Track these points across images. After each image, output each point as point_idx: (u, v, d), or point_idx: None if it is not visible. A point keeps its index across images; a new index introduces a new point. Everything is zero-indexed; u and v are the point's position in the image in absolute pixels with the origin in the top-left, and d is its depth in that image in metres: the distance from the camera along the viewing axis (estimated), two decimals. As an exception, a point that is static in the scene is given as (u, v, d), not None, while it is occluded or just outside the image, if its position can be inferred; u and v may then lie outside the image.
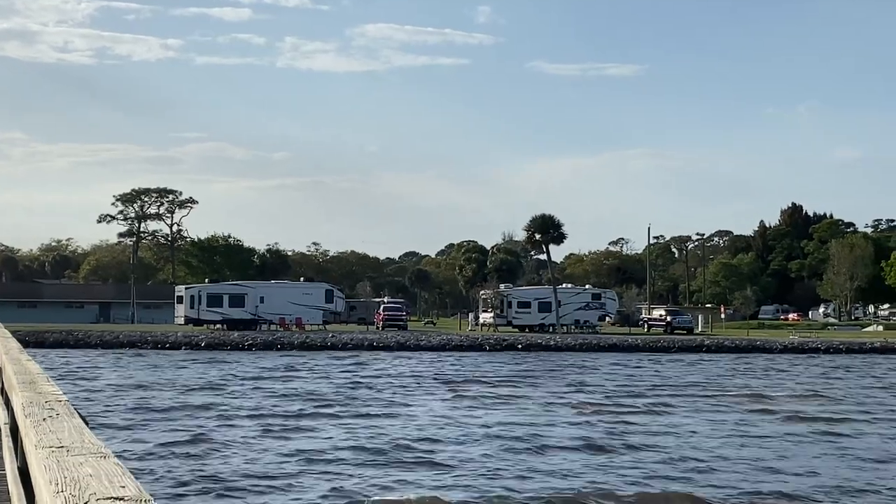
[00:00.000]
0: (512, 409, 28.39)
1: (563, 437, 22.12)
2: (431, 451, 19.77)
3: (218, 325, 77.14)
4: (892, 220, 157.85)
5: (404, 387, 34.70)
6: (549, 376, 41.06)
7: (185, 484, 15.95)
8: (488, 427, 23.56)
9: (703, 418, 26.67)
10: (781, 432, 23.70)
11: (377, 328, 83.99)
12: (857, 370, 49.25)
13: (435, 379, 38.79)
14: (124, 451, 18.50)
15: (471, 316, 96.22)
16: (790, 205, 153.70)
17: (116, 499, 2.53)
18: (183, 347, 60.68)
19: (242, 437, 21.36)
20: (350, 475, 17.01)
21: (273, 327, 77.96)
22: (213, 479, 16.27)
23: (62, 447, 3.41)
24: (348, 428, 23.08)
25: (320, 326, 79.81)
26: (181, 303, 79.21)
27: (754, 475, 17.70)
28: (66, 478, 2.81)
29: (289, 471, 17.26)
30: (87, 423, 4.81)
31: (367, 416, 25.79)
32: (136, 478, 2.83)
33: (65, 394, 5.76)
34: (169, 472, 16.93)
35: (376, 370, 43.43)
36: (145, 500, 2.53)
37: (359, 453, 19.28)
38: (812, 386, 38.35)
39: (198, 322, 77.09)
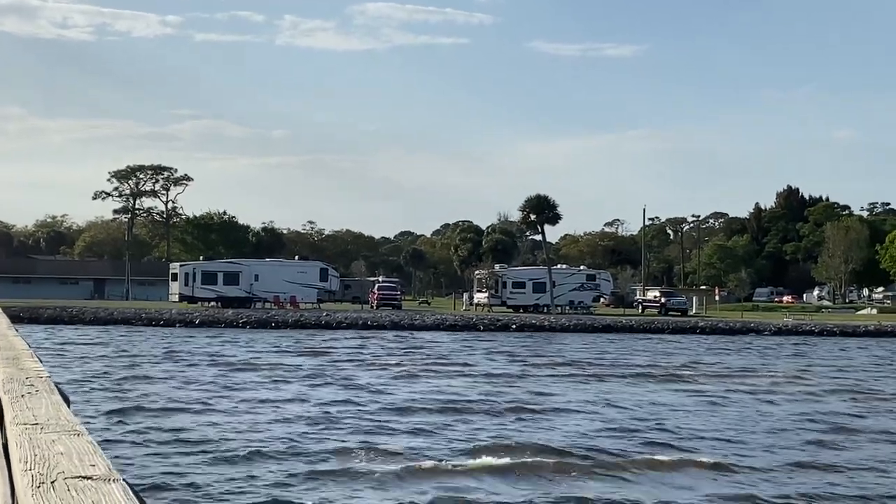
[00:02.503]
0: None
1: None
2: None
3: (212, 303, 77.12)
4: (888, 204, 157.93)
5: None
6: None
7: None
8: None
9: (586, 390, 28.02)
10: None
11: (371, 307, 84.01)
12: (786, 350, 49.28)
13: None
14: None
15: (465, 296, 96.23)
16: (786, 187, 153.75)
17: (85, 477, 2.48)
18: (177, 325, 60.65)
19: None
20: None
21: (268, 305, 77.96)
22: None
23: (36, 424, 3.36)
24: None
25: (315, 305, 79.79)
26: (176, 280, 79.16)
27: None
28: (35, 455, 2.76)
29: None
30: (67, 401, 4.76)
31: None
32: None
33: (48, 370, 5.71)
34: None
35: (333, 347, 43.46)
36: (114, 479, 2.48)
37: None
38: (745, 364, 38.76)
39: (192, 299, 77.06)
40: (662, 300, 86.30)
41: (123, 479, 2.53)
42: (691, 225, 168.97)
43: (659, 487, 14.62)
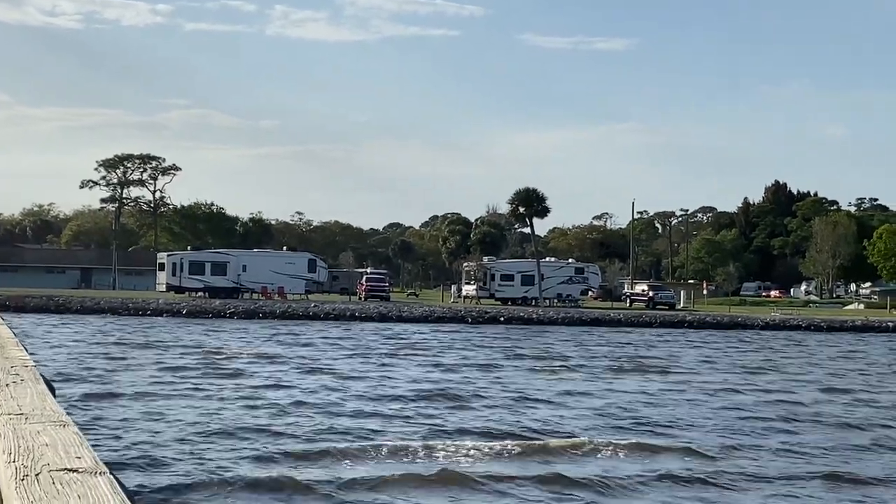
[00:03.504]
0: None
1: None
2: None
3: (200, 293, 76.93)
4: (876, 199, 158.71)
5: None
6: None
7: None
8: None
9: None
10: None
11: (360, 299, 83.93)
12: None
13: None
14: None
15: (454, 288, 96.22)
16: (774, 182, 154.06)
17: (70, 470, 2.40)
18: (164, 314, 60.47)
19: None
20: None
21: (255, 296, 77.81)
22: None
23: (21, 414, 3.27)
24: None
25: (302, 296, 79.66)
26: (163, 270, 78.91)
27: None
28: (20, 447, 2.68)
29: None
30: (52, 390, 4.67)
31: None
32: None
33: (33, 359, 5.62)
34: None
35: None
36: (101, 472, 2.40)
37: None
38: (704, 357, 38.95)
39: (179, 289, 76.83)
40: (650, 294, 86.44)
41: (110, 472, 2.45)
42: (680, 219, 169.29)
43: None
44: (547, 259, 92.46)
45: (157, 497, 12.30)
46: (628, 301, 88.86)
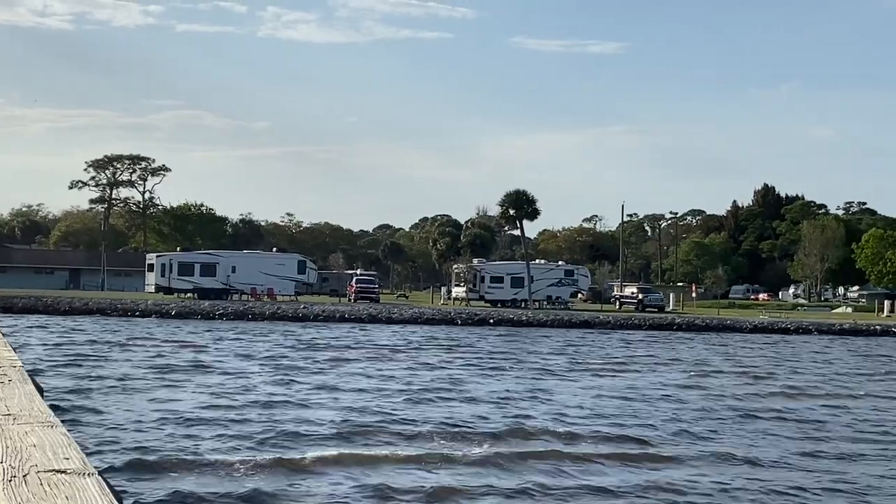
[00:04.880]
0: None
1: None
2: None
3: (189, 294, 76.78)
4: (864, 203, 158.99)
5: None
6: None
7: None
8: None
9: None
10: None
11: (349, 300, 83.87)
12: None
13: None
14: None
15: (443, 290, 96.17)
16: (763, 185, 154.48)
17: (58, 471, 2.39)
18: (153, 315, 60.30)
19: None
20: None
21: (244, 297, 77.68)
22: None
23: (9, 415, 3.26)
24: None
25: (292, 297, 79.56)
26: (152, 271, 78.73)
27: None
28: (8, 447, 2.67)
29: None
30: (41, 390, 4.66)
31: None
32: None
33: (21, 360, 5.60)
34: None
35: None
36: (89, 474, 2.39)
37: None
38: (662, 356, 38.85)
39: (168, 290, 76.66)
40: (639, 296, 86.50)
41: (98, 473, 2.44)
42: (669, 222, 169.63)
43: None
44: (537, 261, 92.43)
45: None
46: (617, 303, 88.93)
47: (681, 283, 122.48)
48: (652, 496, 13.43)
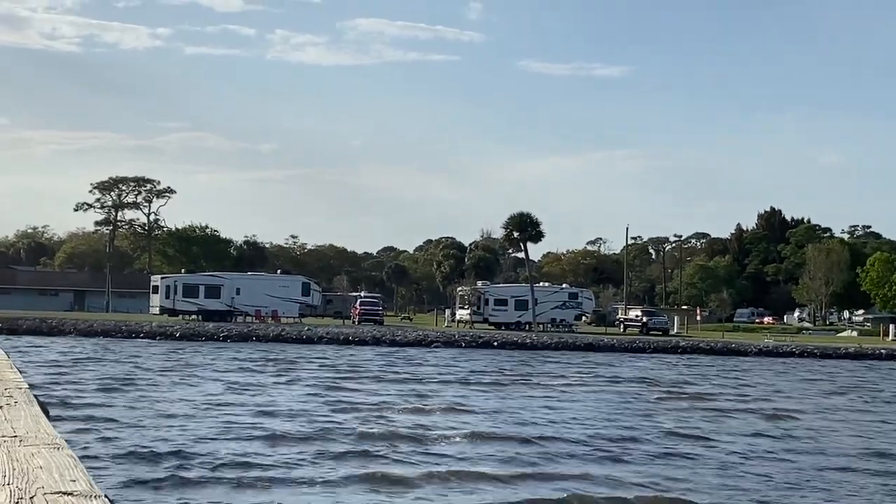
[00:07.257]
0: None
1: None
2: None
3: (193, 316, 76.79)
4: (869, 227, 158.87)
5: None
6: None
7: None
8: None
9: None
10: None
11: (353, 322, 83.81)
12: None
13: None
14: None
15: (447, 312, 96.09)
16: (768, 209, 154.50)
17: (65, 493, 2.40)
18: (157, 337, 60.29)
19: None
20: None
21: (249, 319, 77.68)
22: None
23: (15, 437, 3.27)
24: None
25: (296, 319, 79.54)
26: (156, 292, 78.80)
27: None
28: (14, 469, 2.68)
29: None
30: (47, 412, 4.67)
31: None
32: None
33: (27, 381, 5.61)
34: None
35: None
36: (96, 496, 2.40)
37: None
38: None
39: (173, 312, 76.68)
40: (644, 319, 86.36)
41: (105, 496, 2.45)
42: (673, 245, 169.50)
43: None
44: (541, 284, 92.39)
45: None
46: (622, 326, 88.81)
47: (685, 307, 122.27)
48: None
